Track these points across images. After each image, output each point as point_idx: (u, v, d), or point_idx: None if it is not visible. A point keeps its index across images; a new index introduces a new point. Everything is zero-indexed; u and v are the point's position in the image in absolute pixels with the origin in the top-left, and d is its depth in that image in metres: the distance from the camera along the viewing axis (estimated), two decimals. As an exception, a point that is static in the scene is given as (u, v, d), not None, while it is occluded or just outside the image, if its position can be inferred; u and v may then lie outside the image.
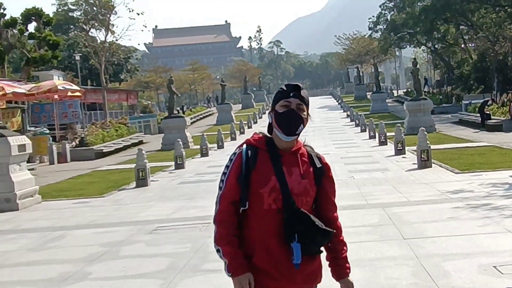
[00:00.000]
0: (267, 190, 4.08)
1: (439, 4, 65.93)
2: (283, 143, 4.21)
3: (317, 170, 4.28)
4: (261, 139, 4.30)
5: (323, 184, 4.31)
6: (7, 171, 18.89)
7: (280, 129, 4.17)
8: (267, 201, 4.09)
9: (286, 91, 4.23)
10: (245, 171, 4.15)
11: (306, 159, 4.28)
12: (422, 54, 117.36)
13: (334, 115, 66.73)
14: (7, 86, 35.53)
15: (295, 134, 4.19)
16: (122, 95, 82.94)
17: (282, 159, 4.19)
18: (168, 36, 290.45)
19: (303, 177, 4.19)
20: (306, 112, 4.23)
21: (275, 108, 4.22)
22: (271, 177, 4.11)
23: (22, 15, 55.79)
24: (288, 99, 4.19)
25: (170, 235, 13.08)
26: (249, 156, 4.19)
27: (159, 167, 28.52)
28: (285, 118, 4.15)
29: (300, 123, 4.17)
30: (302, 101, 4.21)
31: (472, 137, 34.12)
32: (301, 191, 4.14)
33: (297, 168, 4.20)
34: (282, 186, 4.09)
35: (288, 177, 4.13)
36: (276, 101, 4.25)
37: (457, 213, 13.06)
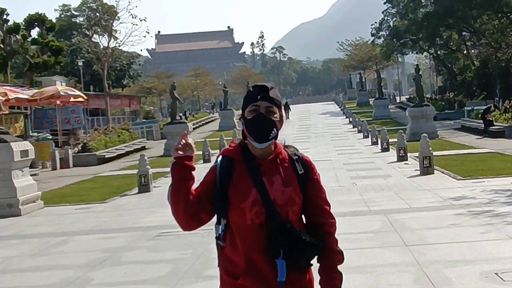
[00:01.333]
0: (248, 204, 3.79)
1: (441, 10, 65.98)
2: (258, 150, 3.90)
3: (301, 176, 3.94)
4: (236, 148, 4.00)
5: (308, 189, 3.96)
6: (10, 176, 18.90)
7: (251, 136, 3.87)
8: (250, 216, 3.80)
9: (253, 93, 3.90)
10: (221, 187, 3.86)
11: (287, 164, 3.96)
12: (424, 60, 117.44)
13: (336, 121, 66.68)
14: (10, 91, 35.62)
15: (268, 139, 3.85)
16: (125, 100, 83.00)
17: (261, 169, 3.88)
18: (171, 42, 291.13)
19: (286, 185, 3.87)
20: (278, 114, 3.90)
21: (245, 115, 3.92)
22: (251, 190, 3.80)
23: (25, 20, 55.88)
24: (256, 102, 3.86)
25: (172, 241, 13.08)
26: (224, 170, 3.90)
27: (161, 173, 28.48)
28: (255, 124, 3.83)
29: (272, 127, 3.84)
30: (272, 103, 3.87)
31: (474, 144, 34.10)
32: (285, 201, 3.83)
33: (279, 176, 3.88)
34: (263, 199, 3.78)
35: (269, 187, 3.82)
36: (245, 106, 3.93)
37: (459, 220, 13.05)
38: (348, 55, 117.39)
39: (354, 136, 47.15)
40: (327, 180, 21.01)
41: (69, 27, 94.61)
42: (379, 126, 41.11)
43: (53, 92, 40.16)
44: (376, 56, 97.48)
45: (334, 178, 22.43)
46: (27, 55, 54.15)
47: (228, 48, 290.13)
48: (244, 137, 3.98)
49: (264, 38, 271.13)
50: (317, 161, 3.78)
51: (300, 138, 46.98)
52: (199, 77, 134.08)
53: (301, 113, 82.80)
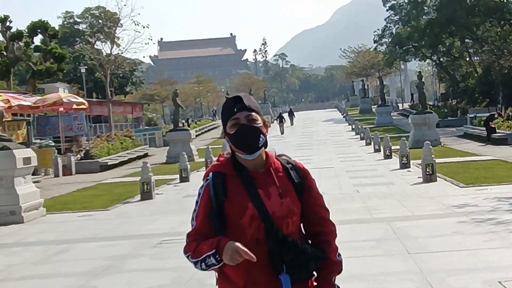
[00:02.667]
0: (246, 220, 3.67)
1: (444, 17, 66.06)
2: (249, 162, 3.79)
3: (296, 185, 3.83)
4: (227, 162, 3.88)
5: (305, 197, 3.85)
6: (12, 184, 18.91)
7: (240, 150, 3.76)
8: (249, 232, 3.68)
9: (229, 108, 3.80)
10: (216, 204, 3.73)
11: (282, 173, 3.85)
12: (427, 67, 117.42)
13: (339, 128, 66.71)
14: (12, 98, 35.64)
15: (258, 148, 3.75)
16: (127, 107, 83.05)
17: (255, 181, 3.76)
18: (174, 48, 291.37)
19: (283, 197, 3.75)
20: (260, 119, 3.80)
21: (227, 131, 3.81)
22: (248, 205, 3.68)
23: (28, 28, 56.01)
24: (235, 115, 3.75)
25: (175, 249, 13.03)
26: (217, 187, 3.76)
27: (164, 180, 28.51)
28: (239, 137, 3.73)
29: (259, 134, 3.73)
30: (251, 110, 3.77)
31: (477, 151, 34.07)
32: (284, 213, 3.72)
33: (275, 188, 3.76)
34: (261, 213, 3.67)
35: (266, 200, 3.71)
36: (224, 123, 3.83)
37: (462, 228, 13.02)
38: (351, 62, 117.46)
39: (357, 143, 47.14)
40: (329, 187, 21.02)
41: (72, 34, 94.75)
42: (381, 133, 41.13)
43: (55, 99, 40.19)
44: (379, 63, 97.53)
45: (337, 186, 22.42)
46: (30, 62, 54.26)
47: (230, 55, 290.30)
48: (234, 154, 3.87)
49: (266, 45, 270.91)
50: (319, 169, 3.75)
51: (303, 145, 46.99)
52: (202, 84, 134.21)
53: (304, 120, 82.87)
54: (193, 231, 3.81)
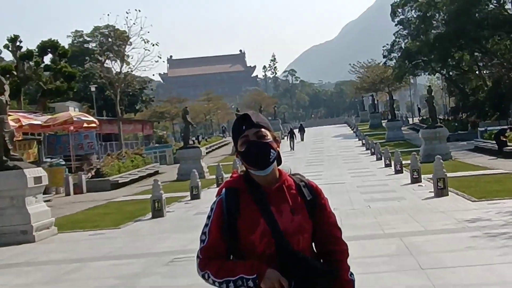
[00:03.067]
0: (257, 236, 3.68)
1: (453, 31, 65.99)
2: (262, 178, 3.81)
3: (309, 202, 3.84)
4: (239, 179, 3.89)
5: (316, 215, 3.85)
6: (23, 203, 18.91)
7: (252, 167, 3.80)
8: (260, 248, 3.68)
9: (238, 126, 3.85)
10: (229, 220, 3.74)
11: (294, 191, 3.86)
12: (436, 81, 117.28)
13: (349, 143, 66.62)
14: (23, 118, 35.72)
15: (270, 163, 3.78)
16: (138, 125, 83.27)
17: (268, 198, 3.76)
18: (183, 66, 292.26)
19: (295, 213, 3.77)
20: (269, 135, 3.83)
21: (238, 149, 3.86)
22: (259, 221, 3.69)
23: (38, 47, 56.25)
24: (244, 133, 3.80)
25: (187, 266, 12.99)
26: (230, 202, 3.77)
27: (175, 198, 28.48)
28: (250, 153, 3.76)
29: (268, 149, 3.76)
30: (259, 127, 3.80)
31: (488, 164, 33.91)
32: (295, 229, 3.73)
33: (287, 205, 3.78)
34: (272, 229, 3.67)
35: (278, 216, 3.72)
36: (235, 142, 3.88)
37: (475, 242, 12.93)
38: (360, 77, 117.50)
39: (367, 158, 47.04)
40: (340, 203, 20.94)
41: (82, 53, 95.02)
42: (392, 148, 41.05)
43: (66, 118, 40.28)
44: (388, 78, 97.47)
45: (348, 201, 22.34)
46: (40, 81, 54.45)
47: (240, 72, 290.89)
48: (247, 171, 3.89)
49: (276, 61, 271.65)
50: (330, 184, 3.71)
51: (313, 161, 46.93)
52: (212, 101, 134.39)
53: (314, 136, 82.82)
54: (206, 247, 3.80)
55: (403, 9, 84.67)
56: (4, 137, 19.07)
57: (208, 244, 3.79)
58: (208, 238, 3.79)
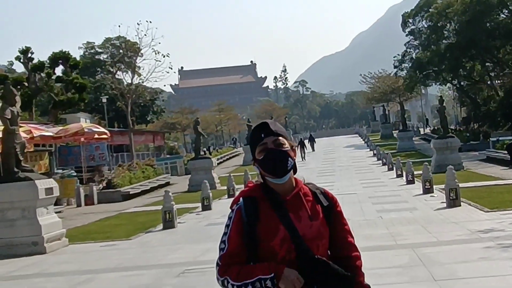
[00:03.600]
0: (277, 242, 3.72)
1: (464, 41, 65.83)
2: (279, 186, 3.86)
3: (325, 209, 3.91)
4: (256, 187, 3.96)
5: (333, 222, 3.93)
6: (35, 214, 18.94)
7: (270, 174, 3.86)
8: (280, 254, 3.72)
9: (256, 134, 3.93)
10: (249, 227, 3.78)
11: (310, 198, 3.92)
12: (448, 91, 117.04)
13: (360, 154, 66.51)
14: (34, 129, 35.85)
15: (287, 171, 3.85)
16: (149, 136, 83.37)
17: (286, 205, 3.82)
18: (194, 77, 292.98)
19: (313, 219, 3.83)
20: (287, 143, 3.90)
21: (256, 157, 3.93)
22: (279, 227, 3.74)
23: (49, 58, 56.55)
24: (262, 141, 3.88)
25: (198, 278, 12.97)
26: (249, 209, 3.82)
27: (186, 209, 28.47)
28: (268, 161, 3.83)
29: (286, 157, 3.84)
30: (277, 135, 3.87)
31: (500, 175, 33.74)
32: (314, 235, 3.78)
33: (305, 211, 3.84)
34: (292, 235, 3.73)
35: (297, 222, 3.77)
36: (253, 150, 3.96)
37: (488, 253, 12.84)
38: (371, 88, 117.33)
39: (379, 168, 46.92)
40: (352, 213, 20.85)
41: (93, 64, 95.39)
42: (403, 159, 40.91)
43: (77, 129, 40.38)
44: (399, 88, 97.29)
45: (360, 212, 22.25)
46: (52, 92, 54.64)
47: (251, 83, 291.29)
48: (264, 180, 3.95)
49: (287, 72, 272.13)
50: (342, 195, 3.73)
51: (325, 171, 46.84)
52: (223, 111, 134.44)
53: (325, 146, 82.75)
54: (225, 254, 3.83)
55: (414, 20, 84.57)
56: (16, 148, 19.12)
57: (227, 251, 3.82)
58: (227, 246, 3.83)
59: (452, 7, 67.80)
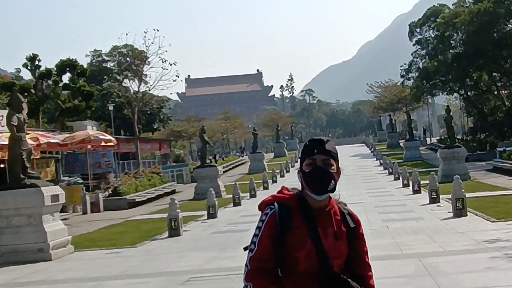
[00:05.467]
0: (303, 254, 3.88)
1: (471, 51, 65.80)
2: (315, 202, 4.01)
3: (350, 230, 4.10)
4: (293, 197, 4.06)
5: (355, 243, 4.12)
6: (40, 221, 18.95)
7: (310, 188, 3.98)
8: (303, 266, 3.89)
9: (310, 148, 4.04)
10: (281, 233, 3.90)
11: (339, 217, 4.09)
12: (455, 101, 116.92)
13: (367, 163, 66.43)
14: (41, 136, 35.91)
15: (327, 191, 4.00)
16: (155, 144, 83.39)
17: (317, 220, 3.98)
18: (201, 85, 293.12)
19: (337, 239, 4.00)
20: (335, 166, 4.03)
21: (302, 168, 4.04)
22: (307, 241, 3.89)
23: (57, 66, 56.63)
24: (313, 156, 3.99)
25: (203, 286, 12.96)
26: (283, 217, 3.94)
27: (191, 217, 28.45)
28: (312, 177, 3.95)
29: (330, 179, 3.97)
30: (329, 155, 4.01)
31: (507, 185, 33.65)
32: (336, 254, 3.96)
33: (332, 229, 4.00)
34: (318, 251, 3.89)
35: (323, 239, 3.93)
36: (302, 160, 4.07)
37: (495, 263, 12.81)
38: (378, 97, 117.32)
39: (385, 178, 46.84)
40: (358, 223, 20.76)
41: (100, 72, 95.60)
42: (410, 168, 40.82)
43: (84, 136, 40.44)
44: (406, 98, 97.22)
45: (366, 221, 22.18)
46: (59, 100, 54.72)
47: (257, 91, 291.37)
48: (303, 189, 4.07)
49: (293, 81, 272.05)
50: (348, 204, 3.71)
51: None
52: (229, 120, 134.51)
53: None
54: (254, 257, 3.93)
55: (421, 29, 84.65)
56: (22, 155, 19.15)
57: (257, 253, 3.93)
58: (257, 247, 3.94)
59: (459, 17, 67.80)
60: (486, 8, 62.14)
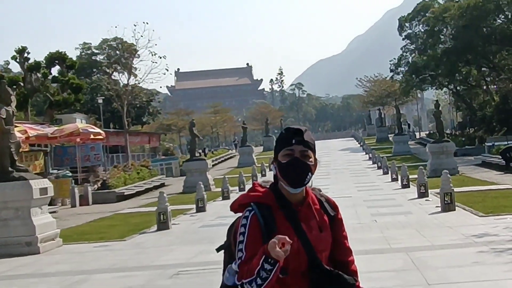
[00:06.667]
0: (291, 252, 3.52)
1: (460, 46, 65.97)
2: (292, 195, 3.80)
3: (331, 218, 3.91)
4: (268, 194, 3.84)
5: (334, 229, 3.91)
6: (29, 214, 18.88)
7: (285, 181, 3.76)
8: (292, 264, 3.64)
9: (287, 137, 3.80)
10: (267, 236, 3.62)
11: (317, 206, 3.89)
12: (444, 96, 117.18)
13: (356, 157, 66.50)
14: (30, 129, 35.82)
15: (303, 184, 3.78)
16: (144, 137, 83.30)
17: (298, 215, 3.78)
18: (190, 79, 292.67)
19: (322, 230, 3.81)
20: (313, 158, 3.81)
21: (278, 158, 3.81)
22: (293, 239, 3.56)
23: (46, 59, 56.48)
24: (290, 146, 3.75)
25: (192, 279, 12.95)
26: (266, 218, 3.72)
27: (180, 210, 28.42)
28: (289, 168, 3.72)
29: (307, 171, 3.74)
30: (307, 146, 3.77)
31: (495, 180, 33.74)
32: (323, 246, 3.78)
33: (315, 222, 3.81)
34: (306, 247, 3.68)
35: (309, 234, 3.73)
36: (278, 150, 3.83)
37: (482, 258, 12.85)
38: (367, 91, 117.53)
39: (374, 172, 46.93)
40: (347, 217, 20.74)
41: (90, 65, 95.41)
42: (399, 162, 40.91)
43: (73, 129, 40.37)
44: (395, 92, 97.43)
45: (355, 215, 22.24)
46: (48, 93, 54.61)
47: (247, 85, 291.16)
48: (276, 181, 3.89)
49: (283, 75, 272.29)
50: (337, 198, 3.67)
51: (320, 174, 46.74)
52: (218, 113, 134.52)
53: (321, 149, 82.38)
54: (244, 261, 3.68)
55: (410, 24, 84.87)
56: (11, 148, 19.08)
57: (246, 258, 3.67)
58: (245, 254, 3.69)
59: (449, 12, 67.93)
60: (476, 3, 62.27)
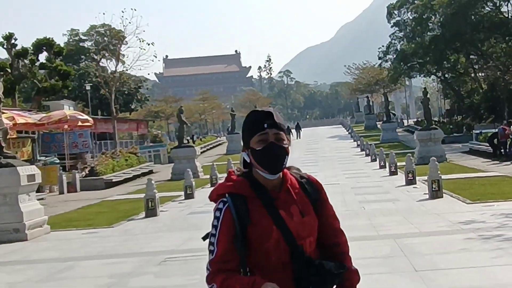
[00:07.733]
0: (271, 244, 3.48)
1: (449, 34, 66.10)
2: (269, 182, 3.62)
3: (314, 201, 3.70)
4: (243, 182, 3.65)
5: (320, 211, 3.72)
6: (16, 201, 18.81)
7: (263, 168, 3.58)
8: (274, 256, 3.50)
9: (258, 122, 3.58)
10: (241, 229, 3.49)
11: (298, 189, 3.69)
12: (432, 83, 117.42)
13: (344, 144, 66.62)
14: (17, 116, 35.68)
15: (282, 169, 3.62)
16: (132, 124, 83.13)
17: (277, 202, 3.58)
18: (179, 66, 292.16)
19: (305, 215, 3.61)
20: (286, 139, 3.62)
21: (251, 145, 3.60)
22: (272, 228, 3.49)
23: (33, 45, 56.18)
24: (263, 131, 3.55)
25: (179, 266, 12.96)
26: (239, 210, 3.53)
27: (168, 197, 28.41)
28: (266, 155, 3.54)
29: (285, 155, 3.57)
30: (280, 129, 3.58)
31: (483, 167, 33.91)
32: (307, 232, 3.59)
33: (296, 207, 3.61)
34: (286, 236, 3.49)
35: (289, 221, 3.53)
36: (249, 136, 3.62)
37: (469, 245, 12.90)
38: (356, 79, 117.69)
39: (362, 159, 47.04)
40: (335, 204, 20.63)
41: (77, 52, 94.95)
42: (387, 150, 40.98)
43: (60, 116, 40.23)
44: (384, 80, 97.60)
45: (343, 202, 22.27)
46: (35, 79, 54.40)
47: (235, 72, 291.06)
48: (245, 167, 3.73)
49: (271, 62, 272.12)
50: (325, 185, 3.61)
51: (308, 161, 46.84)
52: (207, 101, 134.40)
53: (309, 137, 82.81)
54: (215, 259, 3.54)
55: (399, 11, 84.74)
56: (-2, 134, 18.99)
57: (217, 256, 3.54)
58: (216, 249, 3.55)
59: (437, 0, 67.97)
60: (464, -9, 62.34)
